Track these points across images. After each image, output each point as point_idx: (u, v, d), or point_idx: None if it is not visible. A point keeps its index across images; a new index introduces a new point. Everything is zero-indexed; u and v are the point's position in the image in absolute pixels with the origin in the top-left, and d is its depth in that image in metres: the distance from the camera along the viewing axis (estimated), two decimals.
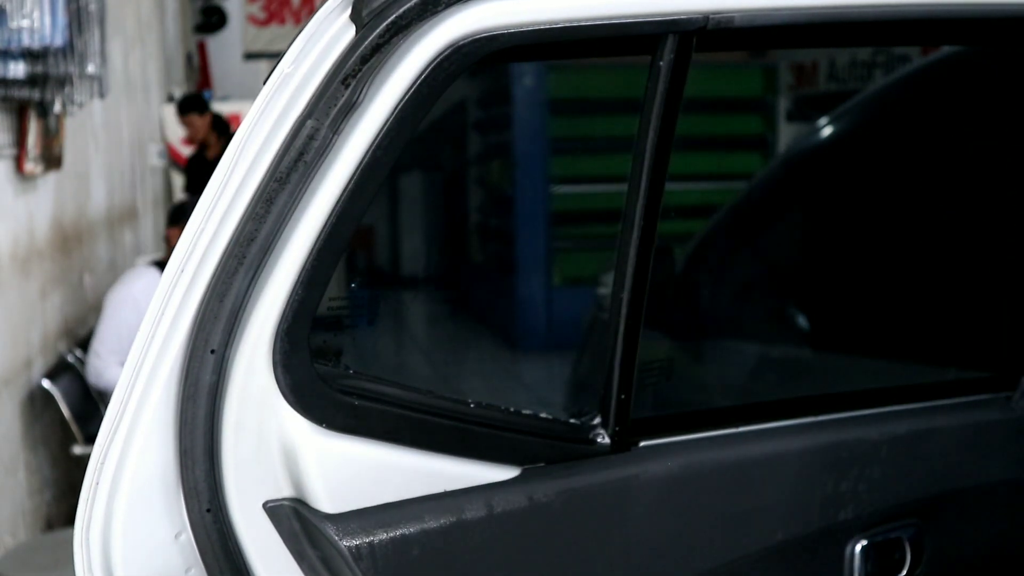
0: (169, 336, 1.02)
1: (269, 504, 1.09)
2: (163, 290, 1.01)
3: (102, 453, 1.04)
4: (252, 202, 0.97)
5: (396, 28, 0.94)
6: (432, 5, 0.94)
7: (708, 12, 1.08)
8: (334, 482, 1.12)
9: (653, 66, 1.14)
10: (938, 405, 1.63)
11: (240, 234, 0.98)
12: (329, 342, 1.18)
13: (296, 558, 1.05)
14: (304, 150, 0.97)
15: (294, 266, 1.00)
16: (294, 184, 0.97)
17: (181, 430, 1.04)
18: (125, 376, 1.03)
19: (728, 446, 1.53)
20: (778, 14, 1.14)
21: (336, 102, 0.95)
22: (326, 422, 1.11)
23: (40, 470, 4.42)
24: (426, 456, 1.20)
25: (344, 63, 0.94)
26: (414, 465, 1.19)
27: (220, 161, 0.99)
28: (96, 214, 5.49)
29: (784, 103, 7.31)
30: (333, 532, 1.10)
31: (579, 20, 0.99)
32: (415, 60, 0.95)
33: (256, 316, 1.02)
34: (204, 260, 0.99)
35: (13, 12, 3.57)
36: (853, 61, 6.86)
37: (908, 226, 2.45)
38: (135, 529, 1.06)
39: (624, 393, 1.39)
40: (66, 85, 4.07)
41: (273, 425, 1.08)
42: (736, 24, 1.10)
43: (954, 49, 2.33)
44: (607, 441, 1.41)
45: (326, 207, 0.99)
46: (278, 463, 1.10)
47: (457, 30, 0.95)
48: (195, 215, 0.99)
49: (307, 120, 0.96)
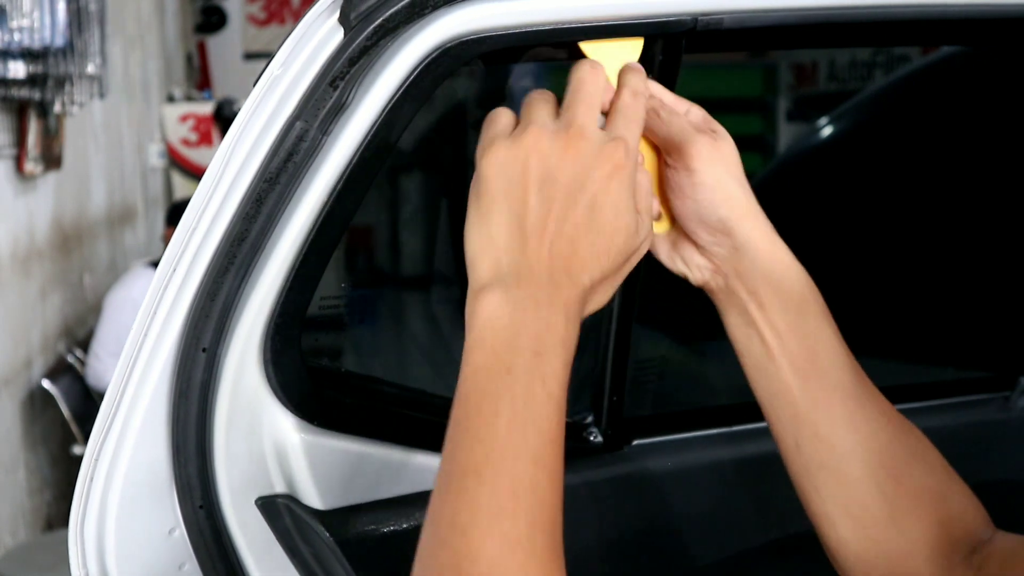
0: (161, 334, 1.02)
1: (261, 500, 1.10)
2: (155, 289, 1.01)
3: (96, 449, 1.05)
4: (243, 202, 0.98)
5: (383, 31, 0.95)
6: (419, 8, 0.95)
7: (697, 14, 1.07)
8: (325, 479, 1.13)
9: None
10: (936, 405, 1.64)
11: (231, 233, 0.99)
12: (320, 341, 1.19)
13: (288, 554, 1.05)
14: (293, 151, 0.97)
15: (284, 265, 1.01)
16: (284, 184, 0.98)
17: (174, 427, 1.04)
18: (118, 374, 1.04)
19: (723, 445, 1.53)
20: (768, 15, 1.14)
21: (325, 104, 0.96)
22: (317, 420, 1.12)
23: (40, 470, 4.43)
24: (417, 453, 1.20)
25: (332, 65, 0.95)
26: (405, 462, 1.20)
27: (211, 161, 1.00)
28: (96, 214, 5.50)
29: (784, 103, 7.29)
30: (325, 528, 1.10)
31: (567, 22, 0.99)
32: (402, 63, 0.95)
33: (247, 315, 1.03)
34: (196, 259, 1.00)
35: (13, 12, 3.58)
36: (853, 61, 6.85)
37: (907, 226, 2.45)
38: (129, 525, 1.06)
39: (616, 392, 1.40)
40: (66, 85, 4.08)
41: (264, 422, 1.09)
42: (725, 25, 1.10)
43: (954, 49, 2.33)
44: (600, 439, 1.41)
45: (315, 207, 0.99)
46: (270, 460, 1.10)
47: (444, 33, 0.95)
48: (187, 215, 1.00)
49: (296, 121, 0.96)
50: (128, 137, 6.26)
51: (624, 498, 1.44)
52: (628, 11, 1.03)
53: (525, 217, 0.82)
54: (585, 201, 0.83)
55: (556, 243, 0.82)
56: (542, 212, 0.82)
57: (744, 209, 0.95)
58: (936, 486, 0.97)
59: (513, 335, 0.80)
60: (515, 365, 0.79)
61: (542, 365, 0.79)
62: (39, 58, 3.70)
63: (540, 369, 0.79)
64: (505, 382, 0.79)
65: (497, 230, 0.82)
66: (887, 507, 0.95)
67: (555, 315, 0.81)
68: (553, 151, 0.83)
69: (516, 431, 0.77)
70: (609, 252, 0.84)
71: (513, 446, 0.77)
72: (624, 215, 0.84)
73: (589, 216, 0.83)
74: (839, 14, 1.18)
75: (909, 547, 0.95)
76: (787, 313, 0.94)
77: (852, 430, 0.94)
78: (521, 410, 0.78)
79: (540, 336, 0.80)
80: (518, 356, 0.79)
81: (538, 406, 0.79)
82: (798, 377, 0.94)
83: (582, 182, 0.83)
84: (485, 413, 0.78)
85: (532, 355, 0.79)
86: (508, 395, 0.78)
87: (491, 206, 0.82)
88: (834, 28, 1.21)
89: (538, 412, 0.79)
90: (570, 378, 0.83)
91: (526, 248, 0.81)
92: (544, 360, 0.80)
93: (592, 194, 0.83)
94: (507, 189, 0.82)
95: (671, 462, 1.47)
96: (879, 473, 0.94)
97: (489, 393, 0.79)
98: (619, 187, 0.84)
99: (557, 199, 0.82)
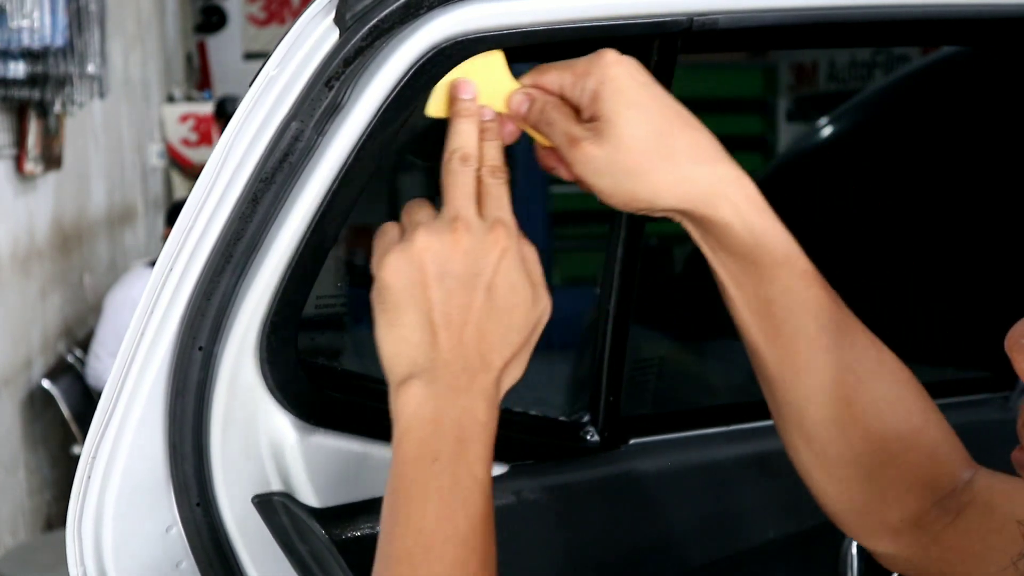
0: (158, 333, 1.03)
1: (258, 499, 1.10)
2: (152, 288, 1.02)
3: (93, 447, 1.05)
4: (239, 202, 0.98)
5: (378, 31, 0.95)
6: (414, 8, 0.95)
7: (692, 14, 1.08)
8: (321, 477, 1.13)
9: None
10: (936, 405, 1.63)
11: (227, 233, 0.99)
12: (316, 339, 1.19)
13: (285, 551, 1.06)
14: (289, 151, 0.98)
15: (280, 264, 1.01)
16: (279, 184, 0.98)
17: (170, 426, 1.05)
18: (115, 372, 1.04)
19: (719, 444, 1.53)
20: (763, 16, 1.14)
21: (320, 104, 0.96)
22: (313, 418, 1.13)
23: (40, 470, 4.43)
24: None
25: (328, 66, 0.95)
26: None
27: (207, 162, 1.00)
28: (96, 214, 5.50)
29: (784, 103, 7.30)
30: (321, 526, 1.11)
31: (562, 23, 0.99)
32: (397, 63, 0.95)
33: (243, 314, 1.03)
34: (192, 258, 1.00)
35: (13, 12, 3.58)
36: (853, 61, 6.84)
37: (907, 225, 2.46)
38: (126, 523, 1.07)
39: (613, 391, 1.40)
40: (66, 85, 4.08)
41: (261, 421, 1.09)
42: (721, 26, 1.10)
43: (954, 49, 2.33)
44: (596, 439, 1.42)
45: (311, 207, 0.99)
46: (266, 458, 1.11)
47: (439, 33, 0.95)
48: (183, 214, 1.00)
49: (292, 122, 0.97)
50: (128, 137, 6.27)
51: (621, 497, 1.45)
52: (623, 11, 1.03)
53: (431, 312, 0.86)
54: (483, 287, 0.87)
55: (464, 331, 0.86)
56: (446, 305, 0.86)
57: (661, 187, 0.92)
58: (908, 432, 0.97)
59: (436, 425, 0.85)
60: (441, 453, 0.84)
61: (466, 451, 0.85)
62: (39, 58, 3.71)
63: (465, 455, 0.85)
64: (432, 471, 0.84)
65: (408, 331, 0.86)
66: (850, 452, 0.96)
67: (474, 400, 0.86)
68: (443, 247, 0.86)
69: (444, 518, 0.83)
70: (513, 329, 0.88)
71: (443, 532, 0.83)
72: (520, 291, 0.88)
73: (489, 300, 0.87)
74: (837, 14, 1.18)
75: (878, 494, 0.96)
76: (736, 261, 0.94)
77: (812, 374, 0.95)
78: (448, 497, 0.84)
79: (462, 423, 0.85)
80: (443, 444, 0.85)
81: (464, 491, 0.84)
82: (755, 317, 0.96)
83: (476, 270, 0.87)
84: (416, 500, 0.84)
85: (456, 442, 0.85)
86: (435, 483, 0.84)
87: (397, 309, 0.86)
88: (832, 28, 1.21)
89: (465, 497, 0.84)
90: (567, 378, 0.84)
91: (437, 341, 0.86)
92: (467, 446, 0.85)
93: (488, 279, 0.87)
94: (409, 290, 0.86)
95: (668, 461, 1.48)
96: (843, 418, 0.95)
97: (418, 482, 0.84)
98: (509, 266, 0.87)
99: (456, 290, 0.86)
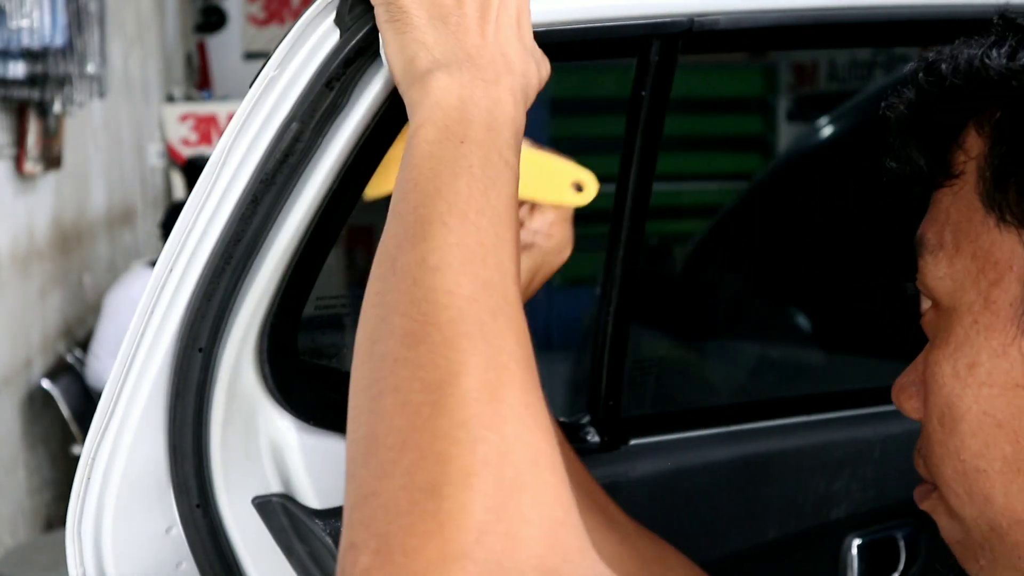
0: (158, 334, 1.02)
1: (258, 500, 1.10)
2: (152, 288, 1.02)
3: (93, 448, 1.05)
4: (239, 202, 0.98)
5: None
6: None
7: (693, 15, 1.08)
8: (322, 478, 1.13)
9: (639, 69, 1.15)
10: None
11: (227, 234, 0.99)
12: (316, 340, 1.19)
13: (285, 552, 1.06)
14: (289, 151, 0.98)
15: (280, 265, 1.01)
16: (280, 185, 0.98)
17: (170, 427, 1.05)
18: (115, 373, 1.04)
19: (719, 445, 1.53)
20: (764, 16, 1.14)
21: (320, 105, 0.96)
22: (313, 419, 1.12)
23: (40, 470, 4.43)
24: None
25: (328, 67, 0.95)
26: None
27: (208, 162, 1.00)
28: (96, 214, 5.50)
29: (784, 103, 7.30)
30: (321, 527, 1.11)
31: (562, 24, 0.99)
32: None
33: (243, 314, 1.03)
34: (192, 259, 1.00)
35: (13, 12, 3.58)
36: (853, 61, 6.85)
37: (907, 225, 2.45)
38: (126, 523, 1.06)
39: (614, 391, 1.40)
40: (66, 85, 4.08)
41: (261, 422, 1.09)
42: (721, 26, 1.10)
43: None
44: (597, 440, 1.42)
45: (311, 207, 0.99)
46: (266, 459, 1.11)
47: None
48: (183, 215, 1.00)
49: (292, 122, 0.97)
50: (128, 137, 6.27)
51: (621, 498, 1.45)
52: (623, 12, 1.04)
53: (444, 9, 0.84)
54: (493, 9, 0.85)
55: (486, 29, 0.84)
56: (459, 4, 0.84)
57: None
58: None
59: (463, 112, 0.81)
60: (469, 137, 0.80)
61: (495, 138, 0.80)
62: (39, 58, 3.71)
63: (494, 141, 0.80)
64: (461, 151, 0.79)
65: (421, 32, 0.84)
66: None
67: (503, 94, 0.82)
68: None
69: (476, 191, 0.77)
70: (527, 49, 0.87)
71: (476, 203, 0.77)
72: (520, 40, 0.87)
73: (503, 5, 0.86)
74: (836, 14, 1.18)
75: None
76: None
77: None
78: (480, 174, 0.78)
79: (491, 111, 0.81)
80: (471, 129, 0.80)
81: (496, 171, 0.79)
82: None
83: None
84: (443, 175, 0.78)
85: (485, 129, 0.80)
86: (465, 161, 0.78)
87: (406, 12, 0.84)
88: (831, 28, 1.21)
89: (497, 177, 0.79)
90: (567, 378, 0.84)
91: (458, 37, 0.83)
92: (497, 133, 0.81)
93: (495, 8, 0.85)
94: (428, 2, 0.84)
95: (669, 462, 1.48)
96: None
97: (445, 159, 0.78)
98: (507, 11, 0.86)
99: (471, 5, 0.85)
